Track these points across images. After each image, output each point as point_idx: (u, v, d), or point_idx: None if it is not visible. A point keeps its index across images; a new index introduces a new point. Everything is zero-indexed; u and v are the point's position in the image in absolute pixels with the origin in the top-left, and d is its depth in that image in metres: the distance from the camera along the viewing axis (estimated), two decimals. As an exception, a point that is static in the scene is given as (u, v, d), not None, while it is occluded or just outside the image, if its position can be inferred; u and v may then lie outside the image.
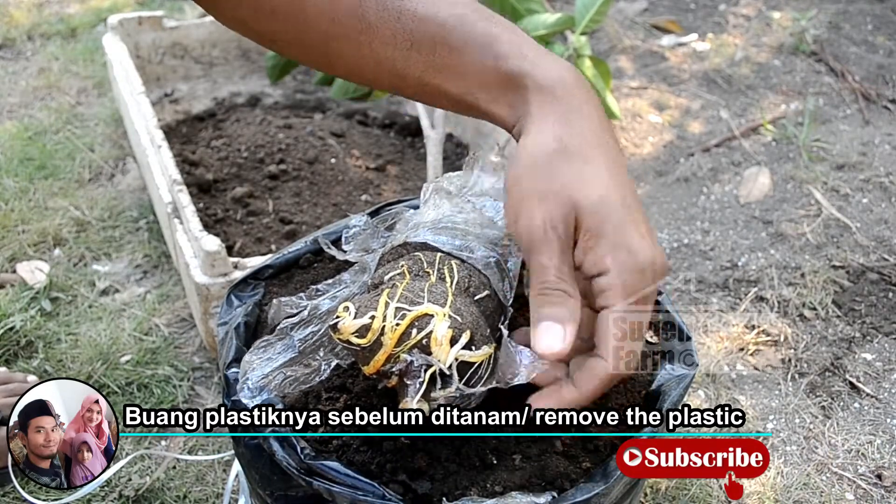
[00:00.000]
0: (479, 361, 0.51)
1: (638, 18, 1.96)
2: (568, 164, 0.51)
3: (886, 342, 1.09)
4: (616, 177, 0.51)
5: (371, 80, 0.62)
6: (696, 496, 0.89)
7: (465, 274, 0.56)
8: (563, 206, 0.50)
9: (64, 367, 1.04)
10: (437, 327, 0.50)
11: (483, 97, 0.56)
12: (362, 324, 0.51)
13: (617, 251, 0.49)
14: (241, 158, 1.32)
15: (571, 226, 0.50)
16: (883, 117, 1.57)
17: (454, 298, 0.53)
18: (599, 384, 0.50)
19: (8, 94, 1.69)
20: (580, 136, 0.52)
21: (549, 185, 0.51)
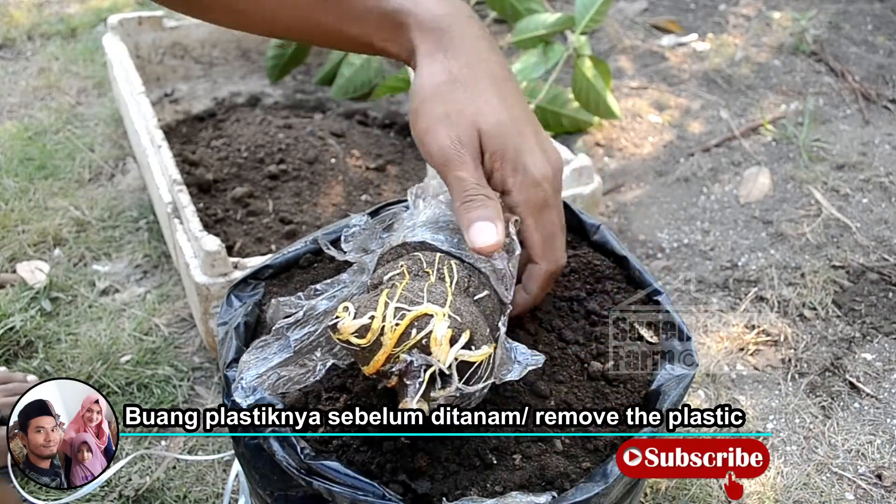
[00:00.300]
0: (479, 361, 0.51)
1: (638, 18, 1.96)
2: (462, 92, 0.56)
3: (886, 342, 1.09)
4: (506, 101, 0.57)
5: (286, 29, 0.67)
6: (696, 496, 0.89)
7: (464, 273, 0.56)
8: (468, 127, 0.55)
9: (64, 367, 1.04)
10: (436, 327, 0.50)
11: (377, 37, 0.61)
12: (362, 324, 0.50)
13: (515, 173, 0.56)
14: (241, 158, 1.32)
15: (477, 144, 0.56)
16: (883, 117, 1.57)
17: (454, 298, 0.52)
18: (541, 282, 0.58)
19: (8, 94, 1.69)
20: (468, 67, 0.57)
21: (449, 108, 0.56)
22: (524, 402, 0.58)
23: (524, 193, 0.56)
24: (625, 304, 0.68)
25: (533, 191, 0.56)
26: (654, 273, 1.21)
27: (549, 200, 0.57)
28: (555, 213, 0.58)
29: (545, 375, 0.61)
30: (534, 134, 0.57)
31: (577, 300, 0.68)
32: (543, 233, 0.57)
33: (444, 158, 0.55)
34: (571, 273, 0.70)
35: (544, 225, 0.57)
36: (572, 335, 0.64)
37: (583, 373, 0.62)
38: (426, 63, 0.57)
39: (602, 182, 1.15)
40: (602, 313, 0.67)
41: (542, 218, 0.57)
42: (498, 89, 0.57)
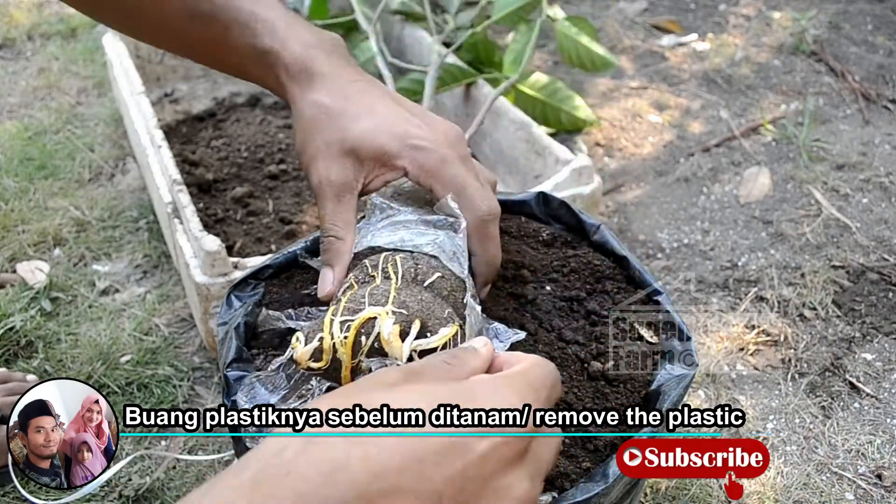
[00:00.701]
0: (442, 344, 0.50)
1: (638, 18, 1.96)
2: (329, 123, 0.59)
3: (886, 342, 1.09)
4: (374, 110, 0.60)
5: (170, 45, 0.70)
6: (696, 496, 0.89)
7: (410, 265, 0.55)
8: (338, 155, 0.59)
9: (64, 367, 1.04)
10: (382, 327, 0.49)
11: (254, 71, 0.64)
12: (314, 347, 0.51)
13: (399, 156, 0.59)
14: (241, 158, 1.32)
15: (350, 170, 0.59)
16: (883, 117, 1.57)
17: (398, 293, 0.52)
18: (476, 236, 0.59)
19: (8, 94, 1.69)
20: (333, 97, 0.60)
21: (319, 142, 0.59)
22: (524, 402, 0.58)
23: (415, 163, 0.58)
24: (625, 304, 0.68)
25: (422, 155, 0.58)
26: (654, 273, 1.21)
27: (445, 158, 0.58)
28: (457, 167, 0.59)
29: (545, 375, 0.61)
30: (408, 120, 0.60)
31: (577, 300, 0.68)
32: (454, 188, 0.58)
33: (315, 196, 0.60)
34: (571, 273, 0.70)
35: (450, 181, 0.58)
36: (572, 335, 0.64)
37: (583, 373, 0.62)
38: (297, 102, 0.61)
39: (602, 182, 1.15)
40: (602, 313, 0.67)
41: (443, 176, 0.58)
42: (364, 104, 0.60)
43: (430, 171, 0.59)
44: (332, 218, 0.60)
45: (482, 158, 1.37)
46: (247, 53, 0.63)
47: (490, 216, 0.59)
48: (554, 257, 0.72)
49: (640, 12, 2.00)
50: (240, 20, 0.62)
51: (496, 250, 0.60)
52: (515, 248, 0.73)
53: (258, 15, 0.62)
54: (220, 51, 0.65)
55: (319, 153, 0.59)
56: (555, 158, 1.16)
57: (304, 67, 0.61)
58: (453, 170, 0.59)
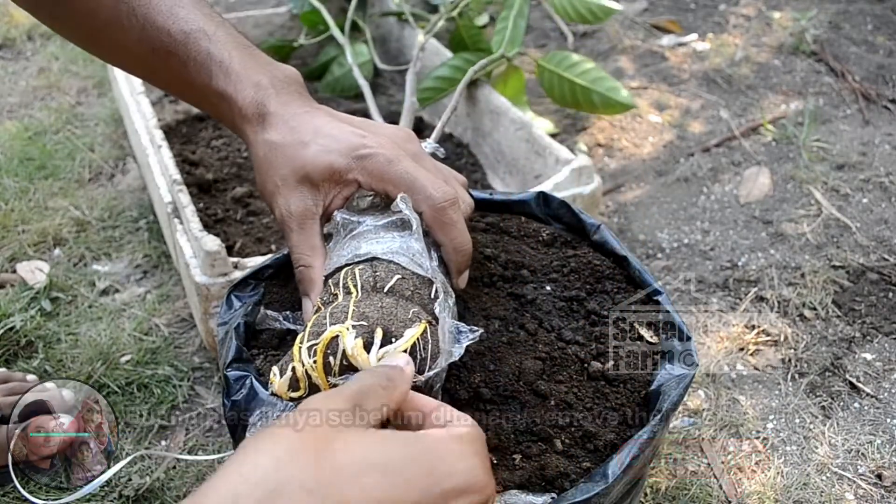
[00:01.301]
0: (410, 346, 0.50)
1: (638, 18, 1.96)
2: (283, 155, 0.61)
3: (886, 342, 1.09)
4: (320, 132, 0.61)
5: (136, 72, 0.73)
6: (696, 496, 0.89)
7: (368, 274, 0.56)
8: (293, 189, 0.61)
9: (64, 367, 1.04)
10: (345, 343, 0.50)
11: (211, 110, 0.66)
12: (289, 378, 0.51)
13: (349, 169, 0.60)
14: (241, 158, 1.32)
15: (308, 197, 0.61)
16: (883, 117, 1.57)
17: (356, 306, 0.52)
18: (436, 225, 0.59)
19: (8, 94, 1.69)
20: (284, 132, 0.61)
21: (274, 181, 0.61)
22: (524, 401, 0.58)
23: (364, 172, 0.60)
24: (625, 304, 0.68)
25: (369, 162, 0.59)
26: (654, 273, 1.21)
27: (391, 158, 0.59)
28: (404, 163, 0.60)
29: (545, 375, 0.61)
30: (353, 133, 0.61)
31: (577, 300, 0.68)
32: (405, 184, 0.59)
33: (281, 229, 0.62)
34: (571, 273, 0.71)
35: (399, 178, 0.59)
36: (572, 335, 0.64)
37: (583, 373, 0.62)
38: (252, 144, 0.63)
39: (602, 182, 1.15)
40: (602, 313, 0.67)
41: (392, 176, 0.59)
42: (310, 130, 0.61)
43: (379, 175, 0.59)
44: (299, 248, 0.61)
45: (482, 158, 1.37)
46: (204, 92, 0.65)
47: (445, 202, 0.59)
48: (554, 257, 0.72)
49: (640, 12, 2.00)
50: (197, 59, 0.64)
51: (461, 236, 0.60)
52: (515, 248, 0.73)
53: (213, 55, 0.64)
54: (180, 85, 0.67)
55: (277, 188, 0.61)
56: (555, 158, 1.17)
57: (256, 111, 0.63)
58: (400, 166, 0.59)
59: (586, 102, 1.36)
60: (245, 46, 0.66)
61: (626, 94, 1.35)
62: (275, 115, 0.62)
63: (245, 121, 0.63)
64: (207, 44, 0.64)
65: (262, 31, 1.67)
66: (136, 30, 0.65)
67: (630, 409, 0.60)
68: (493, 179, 1.33)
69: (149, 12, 0.64)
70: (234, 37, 0.66)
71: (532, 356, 0.61)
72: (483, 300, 0.66)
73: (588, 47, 1.85)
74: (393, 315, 0.52)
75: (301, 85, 0.66)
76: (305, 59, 1.67)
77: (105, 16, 0.65)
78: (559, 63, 1.36)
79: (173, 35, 0.64)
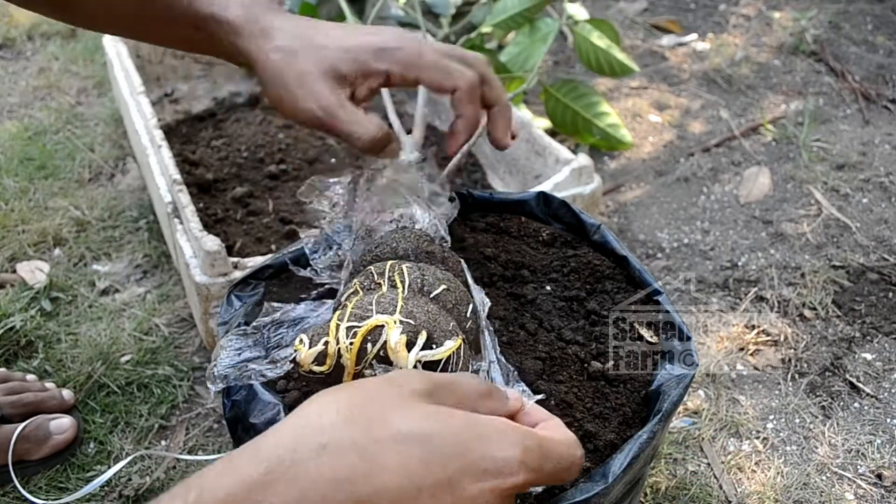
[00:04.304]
0: (445, 357, 0.50)
1: (638, 18, 1.96)
2: (297, 59, 0.61)
3: (886, 342, 1.09)
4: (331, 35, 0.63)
5: (119, 27, 0.72)
6: (696, 496, 0.89)
7: (416, 275, 0.56)
8: (318, 83, 0.61)
9: (64, 367, 1.04)
10: (389, 336, 0.50)
11: (202, 41, 0.66)
12: (318, 351, 0.51)
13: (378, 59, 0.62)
14: (241, 158, 1.32)
15: (337, 89, 0.62)
16: (883, 117, 1.57)
17: (405, 303, 0.52)
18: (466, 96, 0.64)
19: (8, 94, 1.69)
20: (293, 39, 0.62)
21: (295, 81, 0.61)
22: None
23: (394, 62, 0.62)
24: (625, 304, 0.68)
25: (399, 53, 0.62)
26: (654, 273, 1.21)
27: (420, 51, 0.63)
28: (432, 54, 0.63)
29: (545, 375, 0.61)
30: (370, 33, 0.63)
31: (577, 300, 0.68)
32: (438, 71, 0.63)
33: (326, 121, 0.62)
34: (571, 273, 0.70)
35: (432, 67, 0.62)
36: (572, 335, 0.64)
37: (583, 373, 0.62)
38: (258, 57, 0.63)
39: (602, 182, 1.15)
40: (602, 313, 0.67)
41: (425, 65, 0.63)
42: (324, 31, 0.63)
43: (410, 64, 0.62)
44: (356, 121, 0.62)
45: (482, 158, 1.37)
46: (191, 23, 0.64)
47: (478, 84, 0.64)
48: (554, 257, 0.72)
49: (640, 12, 2.00)
50: None
51: (479, 113, 0.66)
52: (515, 248, 0.73)
53: None
54: (166, 27, 0.66)
55: (300, 88, 0.62)
56: (555, 158, 1.17)
57: (253, 27, 0.63)
58: (430, 57, 0.63)
59: (585, 133, 1.40)
60: None
61: (624, 133, 1.39)
62: (276, 28, 0.63)
63: (241, 37, 0.63)
64: None
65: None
66: None
67: (630, 409, 0.60)
68: (493, 179, 1.33)
69: None
70: None
71: (532, 356, 0.61)
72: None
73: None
74: (437, 322, 0.52)
75: (280, 3, 0.67)
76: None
77: None
78: (567, 93, 1.39)
79: None
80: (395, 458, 0.37)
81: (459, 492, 0.38)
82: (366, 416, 0.38)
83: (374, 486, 0.36)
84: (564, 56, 1.82)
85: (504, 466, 0.39)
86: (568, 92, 1.39)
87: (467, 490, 0.38)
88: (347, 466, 0.37)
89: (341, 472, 0.36)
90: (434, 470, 0.38)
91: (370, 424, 0.38)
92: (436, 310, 0.54)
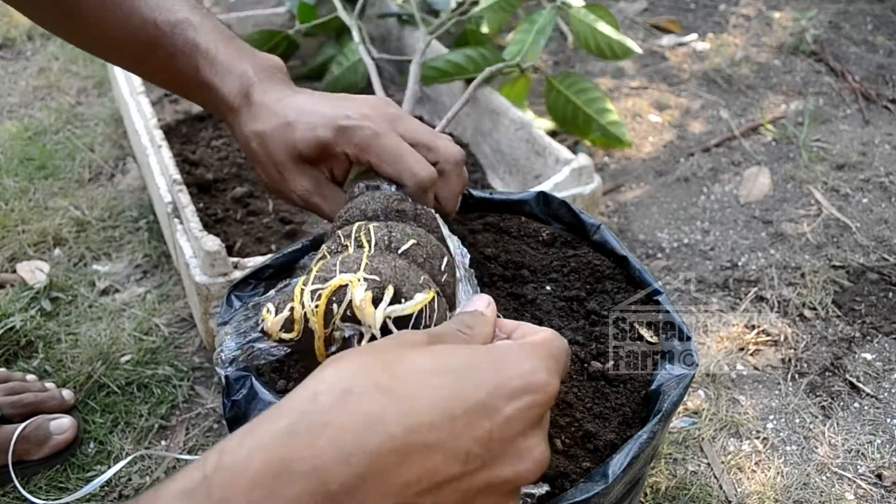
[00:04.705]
0: (417, 311, 0.49)
1: (638, 18, 1.96)
2: (272, 145, 0.62)
3: (886, 342, 1.09)
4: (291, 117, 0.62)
5: (120, 62, 0.73)
6: (696, 496, 0.89)
7: (384, 233, 0.55)
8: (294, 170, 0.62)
9: (64, 367, 1.04)
10: (354, 294, 0.48)
11: (198, 100, 0.67)
12: (285, 317, 0.50)
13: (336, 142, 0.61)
14: (241, 158, 1.32)
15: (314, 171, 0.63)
16: (883, 117, 1.57)
17: (370, 260, 0.51)
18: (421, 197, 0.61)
19: (8, 94, 1.69)
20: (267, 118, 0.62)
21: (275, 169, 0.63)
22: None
23: (349, 144, 0.60)
24: (625, 304, 0.68)
25: (354, 134, 0.60)
26: (654, 273, 1.21)
27: (377, 131, 0.60)
28: (389, 138, 0.60)
29: (545, 375, 0.61)
30: (333, 104, 0.62)
31: (577, 300, 0.68)
32: (391, 158, 0.60)
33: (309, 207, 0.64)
34: (571, 273, 0.70)
35: (387, 151, 0.60)
36: (572, 335, 0.64)
37: (583, 373, 0.62)
38: (240, 136, 0.65)
39: (602, 182, 1.15)
40: (602, 313, 0.67)
41: (378, 147, 0.60)
42: (293, 108, 0.62)
43: (365, 147, 0.60)
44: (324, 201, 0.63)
45: (482, 158, 1.37)
46: (190, 83, 0.65)
47: (428, 182, 0.60)
48: (554, 257, 0.72)
49: (640, 12, 2.00)
50: (184, 51, 0.64)
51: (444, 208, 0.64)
52: (515, 248, 0.73)
53: (199, 46, 0.64)
54: (166, 75, 0.67)
55: (281, 176, 0.63)
56: (555, 158, 1.17)
57: (242, 102, 0.63)
58: (386, 140, 0.60)
59: (584, 128, 1.39)
60: (230, 37, 0.66)
61: (624, 132, 1.38)
62: (259, 104, 0.63)
63: (231, 112, 0.64)
64: (194, 34, 0.64)
65: (262, 31, 1.67)
66: (122, 20, 0.65)
67: (630, 409, 0.60)
68: (493, 179, 1.33)
69: (134, 3, 0.65)
70: (219, 27, 0.66)
71: (532, 356, 0.61)
72: None
73: (588, 47, 1.84)
74: (405, 276, 0.51)
75: (284, 72, 0.67)
76: (305, 59, 1.67)
77: (89, 6, 0.66)
78: (570, 85, 1.37)
79: (160, 26, 0.64)
80: (424, 391, 0.36)
81: (497, 416, 0.37)
82: (383, 361, 0.38)
83: (408, 422, 0.35)
84: (564, 56, 1.82)
85: (534, 381, 0.39)
86: (570, 85, 1.37)
87: (504, 412, 0.37)
88: (377, 404, 0.35)
89: (371, 412, 0.35)
90: (467, 397, 0.37)
91: (391, 366, 0.37)
92: (404, 265, 0.52)
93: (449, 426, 0.36)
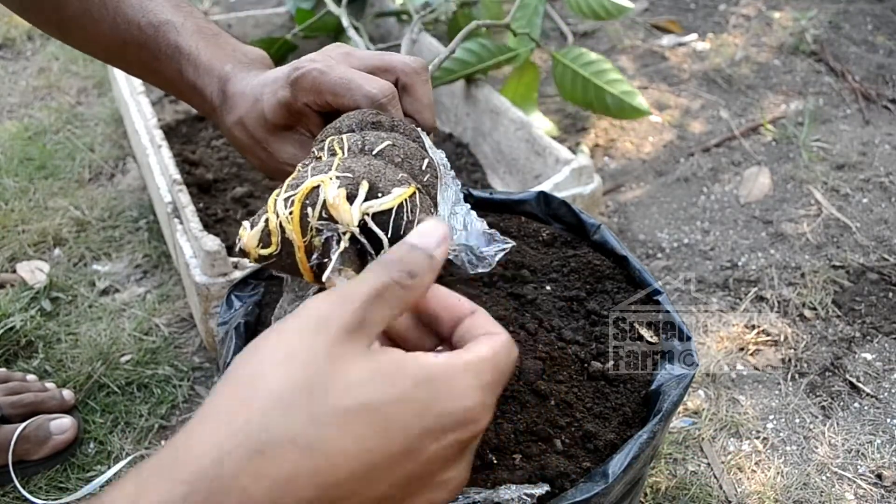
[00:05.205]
0: (397, 205, 0.47)
1: (638, 18, 1.96)
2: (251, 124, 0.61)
3: (886, 342, 1.09)
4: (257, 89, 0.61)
5: (107, 60, 0.73)
6: (696, 496, 0.89)
7: (356, 139, 0.52)
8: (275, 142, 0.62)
9: (64, 367, 1.04)
10: (327, 193, 0.46)
11: (185, 98, 0.67)
12: (260, 230, 0.48)
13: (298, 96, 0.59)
14: (241, 158, 1.32)
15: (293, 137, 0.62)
16: (883, 117, 1.57)
17: (342, 161, 0.49)
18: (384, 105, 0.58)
19: (8, 94, 1.69)
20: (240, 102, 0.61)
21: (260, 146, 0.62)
22: (523, 401, 0.58)
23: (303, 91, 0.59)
24: (625, 304, 0.68)
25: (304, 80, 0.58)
26: (654, 273, 1.21)
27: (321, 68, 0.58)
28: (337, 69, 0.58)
29: (545, 375, 0.61)
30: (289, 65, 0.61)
31: (577, 300, 0.68)
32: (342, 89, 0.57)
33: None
34: (571, 273, 0.71)
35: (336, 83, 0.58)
36: (572, 335, 0.64)
37: (583, 373, 0.62)
38: (226, 131, 0.64)
39: (602, 182, 1.15)
40: (602, 313, 0.67)
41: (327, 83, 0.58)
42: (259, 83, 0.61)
43: (316, 88, 0.58)
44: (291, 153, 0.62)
45: (482, 158, 1.37)
46: (176, 83, 0.65)
47: (384, 98, 0.57)
48: (554, 257, 0.72)
49: (640, 12, 1.99)
50: (167, 53, 0.64)
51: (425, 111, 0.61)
52: (515, 248, 0.73)
53: (181, 48, 0.64)
54: (153, 75, 0.67)
55: (267, 152, 0.62)
56: (555, 158, 1.17)
57: (220, 99, 0.63)
58: (333, 73, 0.58)
59: (599, 103, 1.33)
60: (213, 36, 0.66)
61: (640, 101, 1.32)
62: (232, 95, 0.63)
63: (214, 111, 0.64)
64: (176, 36, 0.64)
65: (262, 31, 1.67)
66: (107, 22, 0.65)
67: (630, 409, 0.60)
68: (493, 179, 1.33)
69: (119, 4, 0.65)
70: (202, 27, 0.66)
71: (532, 356, 0.61)
72: (483, 300, 0.66)
73: (588, 47, 1.84)
74: (381, 172, 0.48)
75: (266, 63, 0.66)
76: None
77: (75, 7, 0.66)
78: (575, 58, 1.33)
79: (143, 28, 0.64)
80: (345, 442, 0.33)
81: (420, 456, 0.35)
82: (300, 394, 0.33)
83: (322, 479, 0.32)
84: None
85: (467, 417, 0.36)
86: (576, 58, 1.33)
87: (428, 451, 0.35)
88: (289, 465, 0.32)
89: (280, 476, 0.32)
90: (391, 444, 0.34)
91: (309, 404, 0.33)
92: (380, 164, 0.50)
93: (367, 476, 0.33)
